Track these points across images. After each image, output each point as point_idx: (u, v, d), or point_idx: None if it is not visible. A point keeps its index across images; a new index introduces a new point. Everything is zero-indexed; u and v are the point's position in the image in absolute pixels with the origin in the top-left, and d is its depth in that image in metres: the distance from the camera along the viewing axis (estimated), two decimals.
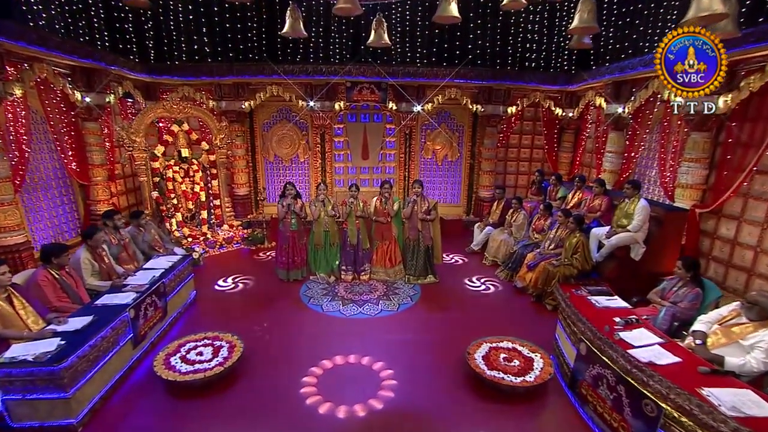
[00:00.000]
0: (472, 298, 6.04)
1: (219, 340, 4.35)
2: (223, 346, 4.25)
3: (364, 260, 6.48)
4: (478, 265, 7.35)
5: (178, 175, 7.62)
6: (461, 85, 8.62)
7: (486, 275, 6.85)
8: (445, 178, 9.71)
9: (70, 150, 6.51)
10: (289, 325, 5.15)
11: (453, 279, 6.67)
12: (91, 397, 3.46)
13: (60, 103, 6.33)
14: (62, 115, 6.38)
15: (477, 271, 7.08)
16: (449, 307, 5.69)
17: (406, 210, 6.28)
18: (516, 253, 6.66)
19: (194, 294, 5.76)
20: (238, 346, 4.24)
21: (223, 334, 4.45)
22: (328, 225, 6.33)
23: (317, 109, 8.62)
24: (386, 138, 9.44)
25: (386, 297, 5.92)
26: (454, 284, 6.48)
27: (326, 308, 5.59)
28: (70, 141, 6.52)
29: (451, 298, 5.99)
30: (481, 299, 6.03)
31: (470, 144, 9.50)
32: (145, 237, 5.72)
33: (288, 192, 6.23)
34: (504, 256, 7.06)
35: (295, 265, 6.45)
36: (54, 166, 6.53)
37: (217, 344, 4.28)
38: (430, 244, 6.36)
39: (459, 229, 9.13)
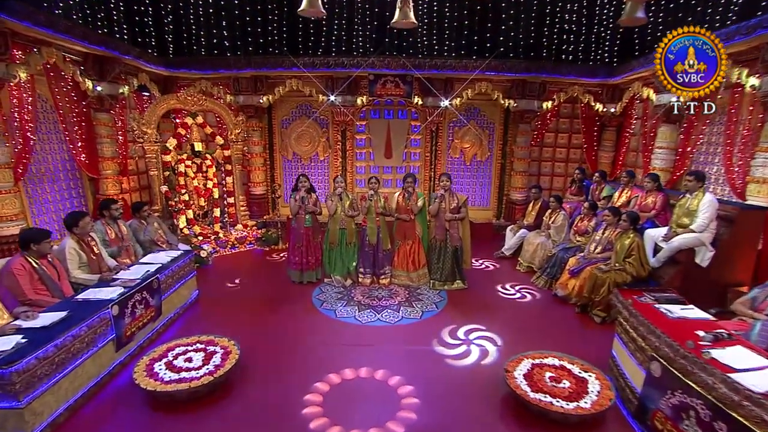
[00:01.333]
0: (506, 308, 5.26)
1: (213, 345, 3.74)
2: (217, 352, 3.64)
3: (385, 262, 5.81)
4: (511, 271, 6.56)
5: (191, 170, 7.18)
6: (492, 78, 7.93)
7: (521, 282, 6.05)
8: (474, 179, 8.99)
9: (80, 141, 6.16)
10: (295, 331, 4.51)
11: (483, 286, 5.91)
12: (53, 409, 2.89)
13: (71, 92, 6.00)
14: (73, 104, 6.04)
15: (510, 277, 6.29)
16: (480, 316, 4.93)
17: (433, 207, 5.59)
18: (555, 257, 5.85)
19: (197, 294, 5.22)
20: (233, 353, 3.62)
21: (219, 338, 3.84)
22: (344, 222, 5.70)
23: (338, 104, 8.09)
24: (411, 136, 8.80)
25: (408, 303, 5.22)
26: (485, 291, 5.72)
27: (340, 313, 4.94)
28: (80, 132, 6.17)
29: (482, 306, 5.24)
30: (517, 308, 5.25)
31: (501, 143, 8.77)
32: (146, 231, 5.23)
33: (301, 185, 5.66)
34: (541, 262, 6.25)
35: (309, 265, 5.84)
36: (63, 158, 6.18)
37: (210, 349, 3.67)
38: (459, 246, 5.63)
39: (488, 234, 8.35)
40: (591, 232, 5.73)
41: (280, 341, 4.30)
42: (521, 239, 6.89)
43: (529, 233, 6.77)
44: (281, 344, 4.24)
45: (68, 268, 3.94)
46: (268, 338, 4.35)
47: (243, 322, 4.70)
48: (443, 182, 5.57)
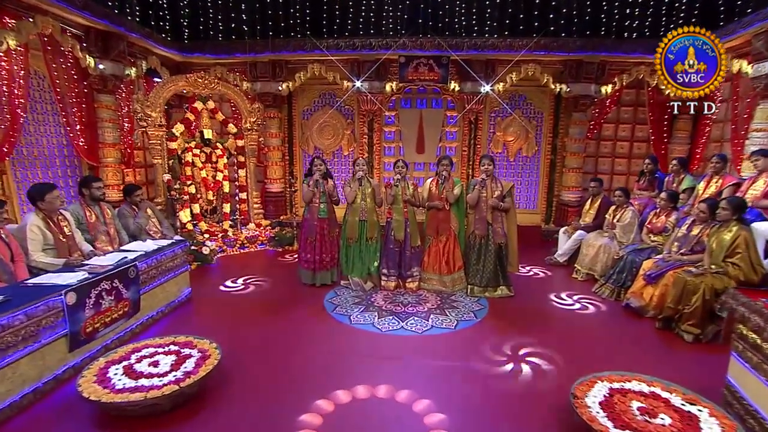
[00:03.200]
0: (564, 320, 4.35)
1: (190, 347, 3.08)
2: (192, 356, 2.96)
3: (413, 262, 5.04)
4: (566, 280, 5.63)
5: (198, 160, 6.72)
6: (541, 59, 7.14)
7: (580, 291, 5.12)
8: (519, 178, 8.12)
9: (79, 124, 5.81)
10: (298, 337, 3.80)
11: (534, 294, 5.02)
12: None
13: (70, 69, 5.67)
14: (72, 83, 5.71)
15: (566, 286, 5.37)
16: (531, 328, 4.06)
17: (472, 195, 4.81)
18: (624, 261, 4.90)
19: (188, 292, 4.62)
20: (212, 357, 2.94)
21: (199, 340, 3.18)
22: (365, 213, 4.99)
23: (365, 90, 7.50)
24: (446, 128, 8.08)
25: (440, 311, 4.42)
26: (535, 301, 4.83)
27: (355, 319, 4.20)
28: (80, 114, 5.82)
29: (533, 317, 4.36)
30: (577, 321, 4.33)
31: (551, 135, 7.89)
32: (137, 218, 4.71)
33: (316, 168, 5.02)
34: (604, 268, 5.30)
35: (323, 265, 5.15)
36: (59, 142, 5.84)
37: (185, 353, 3.00)
38: (503, 243, 4.79)
39: (536, 240, 7.44)
40: (671, 230, 4.76)
41: (277, 348, 3.60)
42: (578, 242, 5.96)
43: (588, 235, 5.83)
44: (279, 352, 3.53)
45: (28, 248, 3.41)
46: (264, 344, 3.66)
47: (238, 325, 4.05)
48: (485, 166, 4.79)
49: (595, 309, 4.63)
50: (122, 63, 6.09)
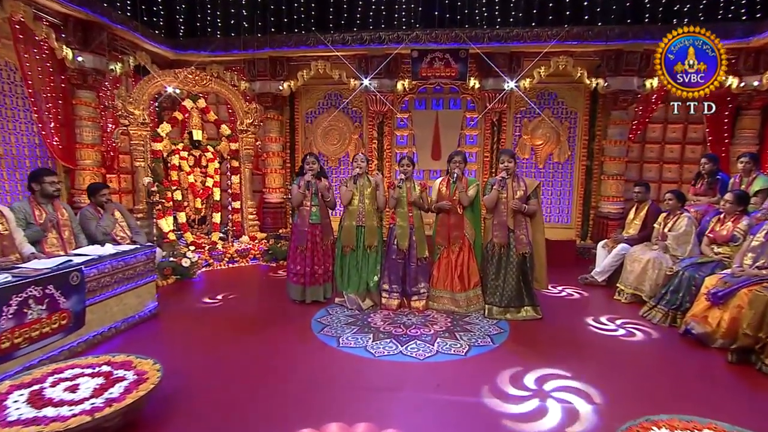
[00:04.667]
0: (604, 348, 3.72)
1: (127, 369, 2.61)
2: (125, 378, 2.49)
3: (419, 277, 4.52)
4: (606, 301, 4.99)
5: (186, 163, 6.43)
6: (574, 50, 6.66)
7: (624, 315, 4.47)
8: (550, 187, 7.56)
9: (54, 121, 5.60)
10: (269, 361, 3.32)
11: (566, 317, 4.40)
12: None
13: (46, 62, 5.50)
14: (48, 76, 5.54)
15: (606, 308, 4.74)
16: (562, 357, 3.44)
17: (489, 197, 4.29)
18: (679, 278, 4.24)
19: (154, 306, 4.20)
20: (150, 381, 2.46)
21: (141, 360, 2.71)
22: (364, 216, 4.52)
23: (374, 89, 7.15)
24: (466, 131, 7.62)
25: (449, 334, 3.86)
26: (568, 325, 4.21)
27: (344, 342, 3.68)
28: (55, 110, 5.62)
29: (564, 344, 3.74)
30: (622, 350, 3.69)
31: (587, 138, 7.32)
32: (102, 221, 4.36)
33: (308, 167, 4.61)
34: (654, 287, 4.64)
35: (315, 279, 4.67)
36: (31, 141, 5.63)
37: (117, 375, 2.53)
38: (528, 254, 4.21)
39: (570, 257, 6.79)
40: (741, 239, 4.09)
41: (243, 373, 3.11)
42: (620, 258, 5.31)
43: (633, 248, 5.18)
44: (243, 377, 3.04)
45: None
46: (229, 368, 3.18)
47: (206, 345, 3.60)
48: (504, 163, 4.27)
49: (644, 336, 3.97)
50: (105, 57, 5.92)
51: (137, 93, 5.91)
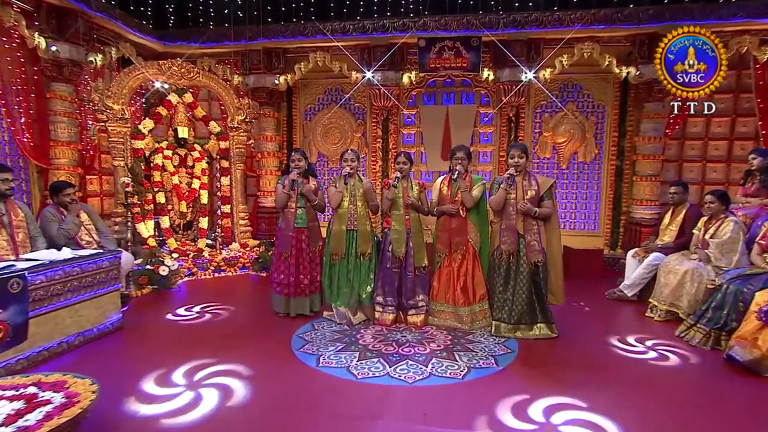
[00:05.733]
0: (632, 374, 3.38)
1: (57, 390, 2.41)
2: (51, 402, 2.29)
3: (417, 288, 4.27)
4: (636, 318, 4.66)
5: (170, 163, 6.30)
6: (601, 35, 6.41)
7: (656, 335, 4.12)
8: (574, 190, 7.25)
9: (25, 117, 5.53)
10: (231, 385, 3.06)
11: (587, 336, 4.07)
12: None
13: (16, 51, 5.47)
14: (19, 67, 5.50)
15: (636, 327, 4.40)
16: (579, 383, 3.12)
17: (496, 197, 4.01)
18: (724, 293, 3.87)
19: (117, 318, 4.02)
20: (78, 405, 2.25)
21: (78, 380, 2.51)
22: (355, 220, 4.30)
23: (378, 83, 6.96)
24: (479, 128, 7.38)
25: (447, 354, 3.58)
26: (589, 345, 3.88)
27: (324, 361, 3.43)
28: (26, 105, 5.56)
29: (582, 367, 3.42)
30: (653, 377, 3.34)
31: (616, 134, 7.00)
32: (64, 223, 4.23)
33: (294, 165, 4.41)
34: (693, 302, 4.28)
35: (300, 289, 4.45)
36: (1, 138, 5.58)
37: (43, 397, 2.33)
38: (541, 263, 3.90)
39: (596, 268, 6.43)
40: None
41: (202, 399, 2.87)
42: (653, 269, 4.95)
43: (668, 258, 4.82)
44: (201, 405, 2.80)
45: None
46: None
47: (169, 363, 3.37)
48: (515, 158, 3.99)
49: (680, 360, 3.61)
50: (83, 47, 5.86)
51: (116, 86, 5.83)
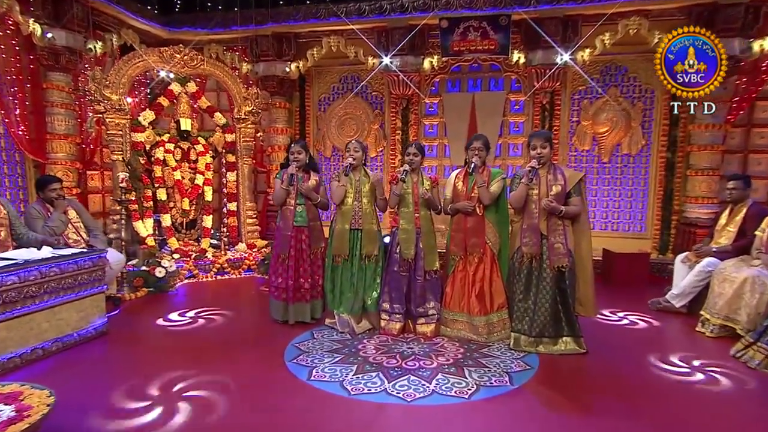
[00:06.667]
0: (672, 400, 3.11)
1: (10, 403, 2.36)
2: (0, 415, 2.25)
3: (428, 295, 4.13)
4: (684, 333, 4.39)
5: (172, 157, 6.33)
6: (650, 8, 6.13)
7: (707, 354, 3.82)
8: (617, 186, 6.97)
9: (20, 108, 5.66)
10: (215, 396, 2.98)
11: (621, 353, 3.82)
12: None
13: (10, 39, 5.60)
14: (13, 56, 5.63)
15: (682, 343, 4.16)
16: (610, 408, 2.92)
17: (515, 193, 3.80)
18: None
19: (101, 323, 4.02)
20: (27, 420, 2.20)
21: (34, 391, 2.47)
22: (360, 218, 4.20)
23: (396, 69, 6.84)
24: (509, 117, 7.21)
25: (456, 369, 3.41)
26: (623, 363, 3.63)
27: (318, 374, 3.32)
28: (22, 95, 5.69)
29: (615, 390, 3.18)
30: (699, 405, 3.06)
31: (667, 121, 6.66)
32: (49, 220, 4.26)
33: (293, 157, 4.32)
34: (753, 317, 3.95)
35: (300, 294, 4.35)
36: None
37: None
38: (566, 267, 3.66)
39: (641, 274, 6.13)
40: None
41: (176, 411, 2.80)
42: (706, 276, 4.62)
43: (724, 263, 4.48)
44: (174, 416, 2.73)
45: None
46: (165, 403, 2.88)
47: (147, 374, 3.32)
48: (537, 149, 3.76)
49: (734, 384, 3.31)
50: (81, 34, 5.95)
51: (114, 75, 5.90)
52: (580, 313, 3.82)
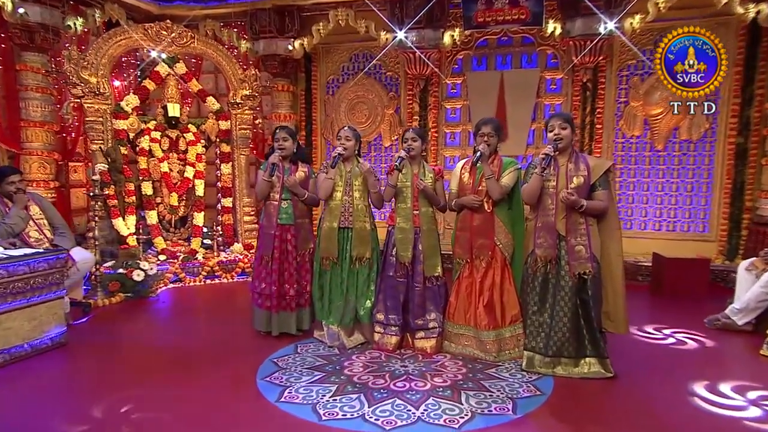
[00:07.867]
0: None
1: None
2: None
3: (429, 304, 4.03)
4: (744, 357, 4.15)
5: (159, 147, 6.41)
6: None
7: None
8: (674, 178, 6.77)
9: None
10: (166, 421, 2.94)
11: (657, 380, 3.59)
12: None
13: None
14: None
15: (739, 369, 3.96)
16: None
17: (529, 185, 3.62)
18: None
19: (59, 333, 4.05)
20: None
21: None
22: (351, 215, 4.12)
23: (412, 45, 6.75)
24: (544, 99, 7.09)
25: (452, 392, 3.28)
26: (658, 392, 3.41)
27: (289, 395, 3.24)
28: None
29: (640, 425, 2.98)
30: None
31: (738, 101, 6.39)
32: (8, 217, 4.33)
33: (278, 145, 4.25)
34: None
35: (285, 302, 4.29)
36: None
37: None
38: (589, 273, 3.46)
39: (701, 285, 5.83)
40: None
41: None
42: None
43: None
44: None
45: None
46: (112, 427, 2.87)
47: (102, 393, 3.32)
48: (555, 129, 3.58)
49: None
50: (58, 9, 6.06)
51: (93, 54, 5.98)
52: (609, 329, 3.61)
